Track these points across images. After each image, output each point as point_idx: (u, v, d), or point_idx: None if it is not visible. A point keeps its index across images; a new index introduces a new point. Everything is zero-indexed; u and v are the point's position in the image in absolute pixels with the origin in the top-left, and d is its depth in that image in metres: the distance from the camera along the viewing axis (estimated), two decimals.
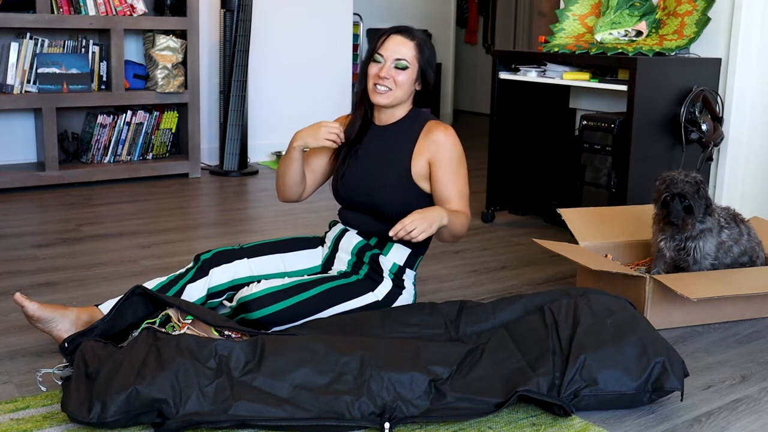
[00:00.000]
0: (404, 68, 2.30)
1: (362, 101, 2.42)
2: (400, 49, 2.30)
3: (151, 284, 2.28)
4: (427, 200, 2.36)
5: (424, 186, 2.35)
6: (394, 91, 2.31)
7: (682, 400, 1.98)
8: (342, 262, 2.41)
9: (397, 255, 2.38)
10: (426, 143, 2.33)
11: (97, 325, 2.01)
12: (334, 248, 2.45)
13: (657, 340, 2.00)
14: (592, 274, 2.65)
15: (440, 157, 2.31)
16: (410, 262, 2.41)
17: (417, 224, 2.15)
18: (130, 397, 1.73)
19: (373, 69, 2.32)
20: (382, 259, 2.36)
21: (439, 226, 2.19)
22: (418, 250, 2.42)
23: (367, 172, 2.37)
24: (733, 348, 2.37)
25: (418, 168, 2.33)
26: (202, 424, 1.74)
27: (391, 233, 2.17)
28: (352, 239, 2.41)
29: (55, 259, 3.08)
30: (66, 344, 1.94)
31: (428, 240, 2.44)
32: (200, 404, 1.76)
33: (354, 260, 2.38)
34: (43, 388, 1.93)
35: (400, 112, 2.39)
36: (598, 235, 2.89)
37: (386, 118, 2.40)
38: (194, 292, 2.29)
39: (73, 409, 1.74)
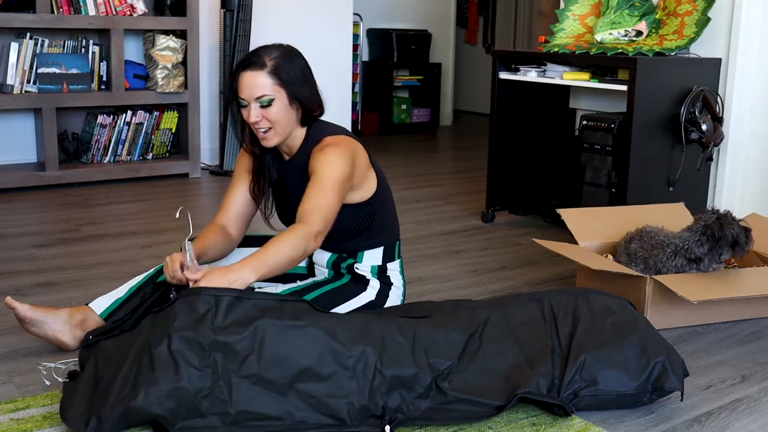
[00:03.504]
0: (269, 103, 2.09)
1: (256, 142, 2.23)
2: (255, 86, 2.07)
3: (139, 278, 2.27)
4: (362, 210, 2.26)
5: (349, 198, 2.20)
6: (275, 128, 2.13)
7: (682, 400, 1.98)
8: (322, 273, 2.37)
9: (372, 258, 2.32)
10: (312, 161, 2.16)
11: (120, 326, 1.99)
12: (311, 259, 2.38)
13: (657, 340, 2.00)
14: (592, 274, 2.65)
15: (313, 170, 2.13)
16: (389, 256, 2.34)
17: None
18: (126, 414, 1.71)
19: (244, 114, 2.13)
20: (358, 266, 2.31)
21: (242, 286, 1.94)
22: (391, 243, 2.35)
23: (292, 209, 2.24)
24: (733, 348, 2.37)
25: None
26: (202, 427, 1.74)
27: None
28: (323, 253, 2.33)
29: (55, 259, 3.08)
30: (90, 336, 1.95)
31: (397, 228, 2.39)
32: (197, 408, 1.75)
33: (332, 273, 2.34)
34: (47, 382, 1.94)
35: (297, 141, 2.22)
36: (598, 235, 2.89)
37: (288, 150, 2.25)
38: None
39: (71, 417, 1.73)
